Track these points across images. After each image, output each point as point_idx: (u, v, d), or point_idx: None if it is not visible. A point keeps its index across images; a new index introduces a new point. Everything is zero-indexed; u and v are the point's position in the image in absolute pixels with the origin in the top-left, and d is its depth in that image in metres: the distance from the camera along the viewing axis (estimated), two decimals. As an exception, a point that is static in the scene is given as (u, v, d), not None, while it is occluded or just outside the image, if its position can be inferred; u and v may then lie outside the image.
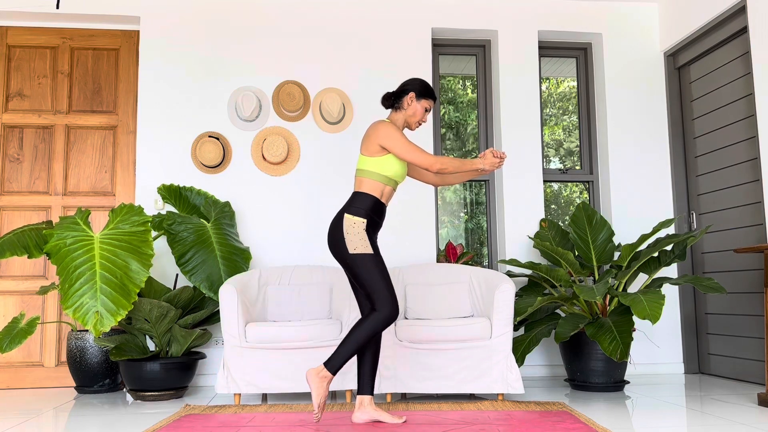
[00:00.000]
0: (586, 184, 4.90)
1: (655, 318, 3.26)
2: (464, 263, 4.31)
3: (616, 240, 4.65)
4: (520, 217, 4.59)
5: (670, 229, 4.69)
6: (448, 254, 4.41)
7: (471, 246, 4.83)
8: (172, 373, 3.72)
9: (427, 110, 3.09)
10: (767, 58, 3.74)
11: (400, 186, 4.50)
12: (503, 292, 3.46)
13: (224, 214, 4.10)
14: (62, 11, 4.40)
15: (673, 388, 3.90)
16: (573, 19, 4.80)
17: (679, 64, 4.73)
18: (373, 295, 2.84)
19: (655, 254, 4.06)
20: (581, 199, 4.97)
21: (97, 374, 3.95)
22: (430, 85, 3.11)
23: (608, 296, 3.92)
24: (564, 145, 4.88)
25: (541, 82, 4.98)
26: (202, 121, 4.45)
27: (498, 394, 3.52)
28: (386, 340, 3.54)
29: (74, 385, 4.19)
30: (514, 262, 4.06)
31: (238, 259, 3.88)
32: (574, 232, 4.28)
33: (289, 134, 4.49)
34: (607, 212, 4.71)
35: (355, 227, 2.89)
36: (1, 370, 4.27)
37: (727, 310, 4.30)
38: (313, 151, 4.51)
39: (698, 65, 4.58)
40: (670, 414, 3.14)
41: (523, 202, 4.61)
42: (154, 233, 4.18)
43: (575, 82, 5.01)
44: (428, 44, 4.66)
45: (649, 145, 4.76)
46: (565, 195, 5.00)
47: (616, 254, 4.62)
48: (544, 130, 4.95)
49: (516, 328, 3.99)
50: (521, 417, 3.01)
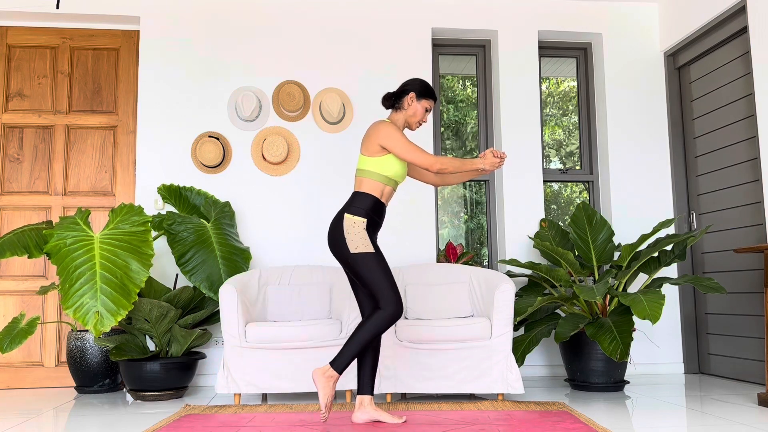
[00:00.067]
0: (586, 184, 4.90)
1: (655, 318, 3.27)
2: (464, 263, 4.31)
3: (616, 240, 4.65)
4: (520, 217, 4.59)
5: (670, 229, 4.69)
6: (448, 254, 4.42)
7: (471, 246, 4.83)
8: (172, 373, 3.72)
9: (427, 110, 3.09)
10: (767, 58, 3.74)
11: (400, 186, 4.50)
12: (503, 292, 3.46)
13: (224, 214, 4.10)
14: (62, 11, 4.40)
15: (673, 388, 3.90)
16: (573, 19, 4.80)
17: (679, 64, 4.73)
18: (376, 293, 2.84)
19: (655, 254, 4.06)
20: (581, 199, 4.97)
21: (97, 374, 3.95)
22: (431, 85, 3.11)
23: (608, 296, 3.92)
24: (565, 147, 4.88)
25: (541, 82, 4.98)
26: (202, 121, 4.45)
27: (498, 394, 3.52)
28: (386, 340, 3.54)
29: (74, 385, 4.19)
30: (514, 262, 4.06)
31: (238, 259, 3.88)
32: (574, 232, 4.28)
33: (289, 134, 4.49)
34: (607, 212, 4.72)
35: (355, 227, 2.89)
36: (1, 370, 4.27)
37: (727, 310, 4.30)
38: (313, 151, 4.51)
39: (698, 65, 4.58)
40: (670, 414, 3.14)
41: (523, 202, 4.61)
42: (154, 233, 4.18)
43: (575, 82, 5.01)
44: (428, 44, 4.66)
45: (649, 145, 4.76)
46: (565, 195, 5.00)
47: (616, 254, 4.62)
48: (544, 130, 4.95)
49: (516, 328, 3.99)
50: (521, 417, 3.01)
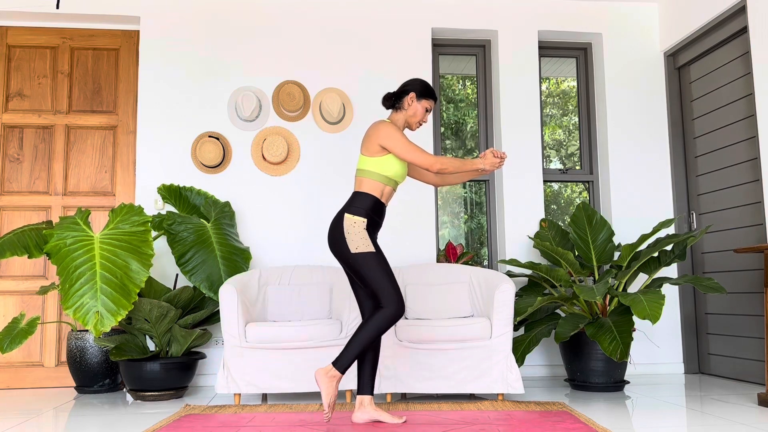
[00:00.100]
0: (586, 184, 4.90)
1: (655, 318, 3.27)
2: (464, 263, 4.31)
3: (616, 240, 4.65)
4: (520, 217, 4.59)
5: (670, 229, 4.69)
6: (448, 254, 4.42)
7: (471, 246, 4.83)
8: (172, 373, 3.72)
9: (427, 110, 3.09)
10: (767, 58, 3.74)
11: (400, 186, 4.50)
12: (503, 292, 3.46)
13: (224, 214, 4.10)
14: (62, 11, 4.40)
15: (673, 388, 3.90)
16: (573, 19, 4.80)
17: (679, 64, 4.73)
18: (378, 292, 2.84)
19: (655, 254, 4.06)
20: (581, 199, 4.97)
21: (97, 374, 3.95)
22: (431, 86, 3.11)
23: (608, 296, 3.92)
24: (565, 148, 4.88)
25: (541, 82, 4.98)
26: (202, 121, 4.45)
27: (498, 394, 3.52)
28: (386, 340, 3.54)
29: (74, 385, 4.19)
30: (514, 262, 4.06)
31: (238, 259, 3.88)
32: (574, 232, 4.28)
33: (289, 134, 4.49)
34: (607, 212, 4.71)
35: (355, 226, 2.89)
36: (1, 370, 4.27)
37: (727, 310, 4.30)
38: (313, 151, 4.51)
39: (698, 65, 4.58)
40: (670, 414, 3.14)
41: (523, 202, 4.61)
42: (154, 233, 4.18)
43: (575, 82, 5.01)
44: (428, 44, 4.66)
45: (649, 145, 4.76)
46: (565, 195, 5.00)
47: (616, 254, 4.62)
48: (545, 131, 4.95)
49: (516, 328, 3.99)
50: (521, 417, 3.01)
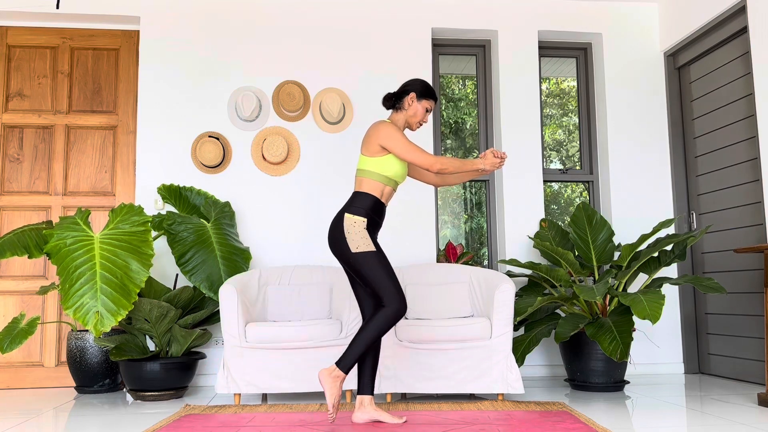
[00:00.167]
0: (586, 184, 4.90)
1: (655, 318, 3.27)
2: (464, 263, 4.31)
3: (616, 240, 4.65)
4: (520, 217, 4.59)
5: (670, 229, 4.69)
6: (448, 254, 4.42)
7: (471, 246, 4.83)
8: (172, 373, 3.72)
9: (428, 110, 3.09)
10: (767, 58, 3.74)
11: (400, 186, 4.50)
12: (503, 292, 3.46)
13: (224, 214, 4.10)
14: (62, 11, 4.40)
15: (673, 388, 3.90)
16: (573, 19, 4.80)
17: (679, 64, 4.73)
18: (379, 291, 2.84)
19: (655, 254, 4.06)
20: (581, 199, 4.97)
21: (97, 374, 3.95)
22: (431, 86, 3.11)
23: (608, 296, 3.92)
24: (566, 149, 4.87)
25: (541, 82, 4.98)
26: (202, 121, 4.45)
27: (498, 394, 3.52)
28: (386, 340, 3.54)
29: (74, 385, 4.19)
30: (514, 262, 4.06)
31: (238, 259, 3.88)
32: (574, 232, 4.28)
33: (289, 134, 4.49)
34: (607, 212, 4.71)
35: (355, 226, 2.89)
36: (1, 370, 4.27)
37: (727, 310, 4.30)
38: (313, 151, 4.51)
39: (698, 65, 4.58)
40: (670, 414, 3.14)
41: (523, 202, 4.61)
42: (154, 233, 4.18)
43: (575, 82, 5.01)
44: (428, 44, 4.66)
45: (649, 145, 4.76)
46: (565, 195, 5.00)
47: (616, 254, 4.62)
48: (545, 131, 4.95)
49: (516, 328, 3.99)
50: (521, 417, 3.01)
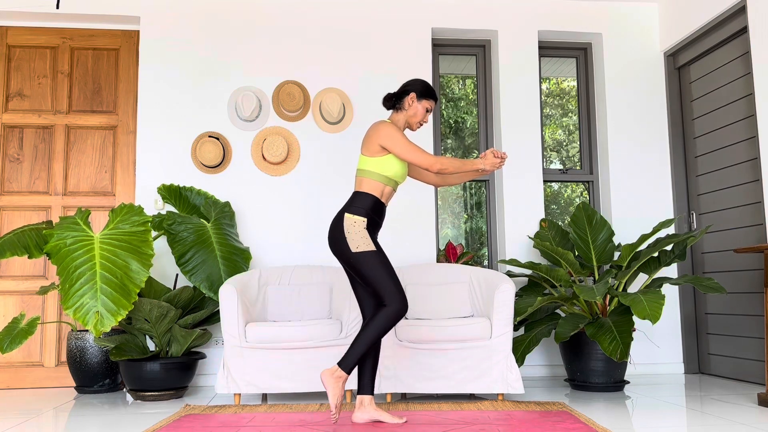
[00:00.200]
0: (586, 184, 4.90)
1: (655, 318, 3.27)
2: (464, 263, 4.31)
3: (616, 240, 4.65)
4: (520, 217, 4.59)
5: (670, 229, 4.69)
6: (448, 254, 4.41)
7: (471, 246, 4.83)
8: (172, 373, 3.72)
9: (428, 111, 3.09)
10: (767, 58, 3.74)
11: (400, 186, 4.50)
12: (503, 292, 3.46)
13: (224, 214, 4.10)
14: (62, 11, 4.40)
15: (673, 388, 3.90)
16: (573, 19, 4.80)
17: (679, 64, 4.73)
18: (380, 291, 2.84)
19: (655, 254, 4.06)
20: (581, 199, 4.97)
21: (97, 374, 3.95)
22: (431, 86, 3.11)
23: (608, 296, 3.92)
24: (566, 150, 4.87)
25: (541, 82, 4.98)
26: (202, 121, 4.45)
27: (498, 394, 3.52)
28: (386, 340, 3.54)
29: (74, 385, 4.19)
30: (514, 262, 4.06)
31: (238, 259, 3.88)
32: (574, 232, 4.28)
33: (289, 134, 4.49)
34: (607, 212, 4.71)
35: (356, 226, 2.89)
36: (1, 370, 4.27)
37: (727, 310, 4.30)
38: (313, 151, 4.51)
39: (698, 65, 4.58)
40: (670, 414, 3.14)
41: (523, 202, 4.61)
42: (154, 233, 4.18)
43: (575, 82, 5.01)
44: (428, 44, 4.66)
45: (649, 145, 4.76)
46: (565, 195, 5.00)
47: (616, 254, 4.62)
48: (545, 131, 4.95)
49: (516, 328, 3.99)
50: (521, 417, 3.01)
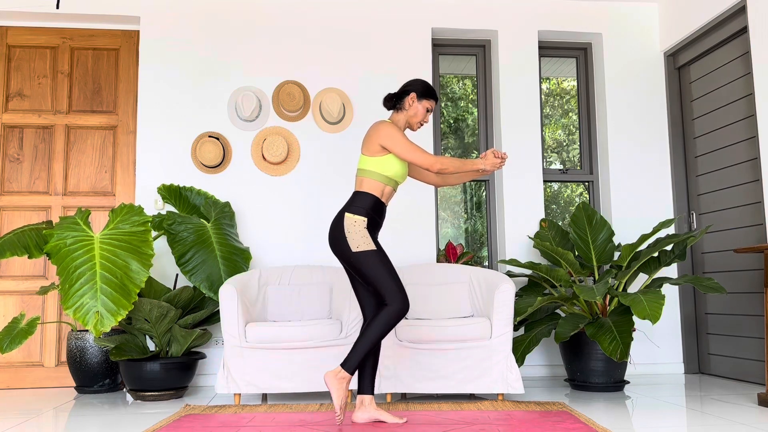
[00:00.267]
0: (586, 184, 4.90)
1: (655, 318, 3.27)
2: (464, 263, 4.31)
3: (616, 240, 4.65)
4: (520, 217, 4.59)
5: (670, 229, 4.69)
6: (448, 254, 4.41)
7: (471, 246, 4.83)
8: (172, 373, 3.72)
9: (428, 111, 3.09)
10: (767, 58, 3.74)
11: (400, 186, 4.50)
12: (503, 292, 3.46)
13: (224, 214, 4.10)
14: (62, 11, 4.40)
15: (673, 388, 3.90)
16: (573, 19, 4.80)
17: (679, 64, 4.73)
18: (381, 290, 2.84)
19: (655, 254, 4.06)
20: (581, 199, 4.97)
21: (97, 374, 3.95)
22: (432, 86, 3.11)
23: (608, 296, 3.92)
24: (566, 151, 4.87)
25: (541, 82, 4.98)
26: (202, 121, 4.45)
27: (498, 394, 3.52)
28: (386, 340, 3.53)
29: (74, 385, 4.19)
30: (514, 262, 4.06)
31: (238, 259, 3.88)
32: (574, 232, 4.28)
33: (289, 134, 4.49)
34: (607, 212, 4.71)
35: (356, 226, 2.89)
36: (1, 370, 4.27)
37: (727, 310, 4.30)
38: (313, 151, 4.51)
39: (698, 65, 4.58)
40: (670, 414, 3.14)
41: (523, 202, 4.61)
42: (154, 233, 4.18)
43: (575, 82, 5.01)
44: (428, 44, 4.66)
45: (649, 145, 4.76)
46: (565, 195, 5.00)
47: (616, 254, 4.62)
48: (545, 131, 4.94)
49: (516, 328, 3.99)
50: (521, 417, 3.01)
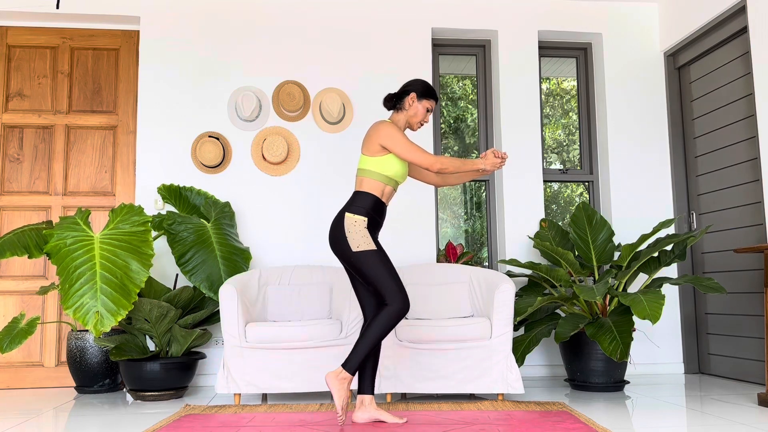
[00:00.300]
0: (586, 184, 4.90)
1: (655, 318, 3.27)
2: (464, 263, 4.31)
3: (616, 240, 4.65)
4: (520, 217, 4.59)
5: (670, 229, 4.69)
6: (448, 254, 4.41)
7: (471, 246, 4.83)
8: (172, 373, 3.72)
9: (428, 110, 3.09)
10: (767, 58, 3.74)
11: (400, 186, 4.50)
12: (503, 292, 3.46)
13: (224, 214, 4.10)
14: (62, 11, 4.40)
15: (673, 388, 3.90)
16: (573, 19, 4.80)
17: (679, 64, 4.73)
18: (381, 290, 2.84)
19: (655, 254, 4.06)
20: (581, 199, 4.97)
21: (97, 374, 3.95)
22: (432, 86, 3.11)
23: (608, 296, 3.92)
24: (566, 152, 4.88)
25: (541, 82, 4.98)
26: (202, 121, 4.45)
27: (498, 394, 3.52)
28: (386, 340, 3.53)
29: (74, 385, 4.19)
30: (514, 262, 4.06)
31: (238, 259, 3.88)
32: (574, 232, 4.28)
33: (289, 134, 4.49)
34: (607, 212, 4.71)
35: (356, 225, 2.89)
36: (1, 370, 4.27)
37: (727, 310, 4.30)
38: (313, 151, 4.51)
39: (698, 65, 4.58)
40: (670, 414, 3.14)
41: (523, 202, 4.61)
42: (154, 233, 4.18)
43: (575, 82, 5.01)
44: (428, 44, 4.66)
45: (649, 145, 4.76)
46: (565, 195, 5.00)
47: (616, 254, 4.62)
48: (545, 131, 4.94)
49: (516, 328, 3.99)
50: (521, 417, 3.01)
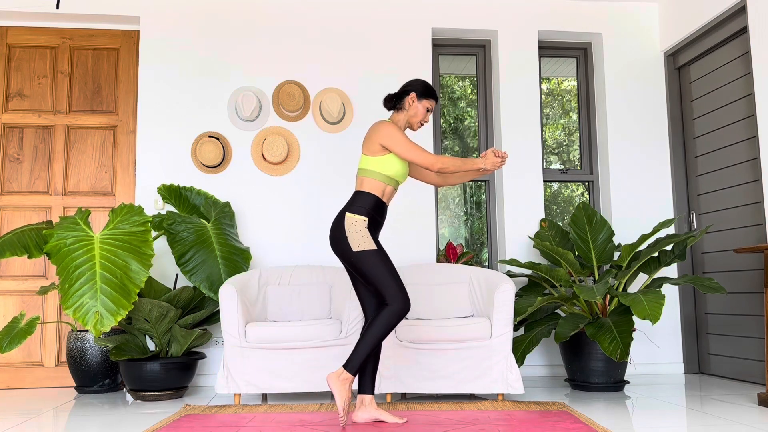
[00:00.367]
0: (586, 184, 4.90)
1: (655, 318, 3.27)
2: (464, 263, 4.31)
3: (616, 240, 4.65)
4: (520, 217, 4.59)
5: (670, 229, 4.69)
6: (448, 254, 4.42)
7: (471, 246, 4.83)
8: (172, 373, 3.72)
9: (428, 110, 3.09)
10: (767, 58, 3.74)
11: (400, 186, 4.50)
12: (503, 292, 3.46)
13: (224, 214, 4.10)
14: (62, 11, 4.40)
15: (673, 388, 3.90)
16: (573, 19, 4.80)
17: (679, 64, 4.74)
18: (382, 290, 2.84)
19: (655, 254, 4.06)
20: (581, 199, 4.97)
21: (97, 374, 3.95)
22: (432, 86, 3.11)
23: (608, 296, 3.92)
24: (566, 152, 4.88)
25: (541, 82, 4.98)
26: (202, 121, 4.45)
27: (498, 394, 3.52)
28: (386, 340, 3.53)
29: (74, 385, 4.19)
30: (514, 262, 4.06)
31: (238, 259, 3.88)
32: (574, 232, 4.28)
33: (289, 134, 4.49)
34: (607, 212, 4.72)
35: (356, 225, 2.89)
36: (1, 370, 4.27)
37: (727, 310, 4.30)
38: (313, 151, 4.51)
39: (698, 65, 4.58)
40: (670, 414, 3.14)
41: (523, 202, 4.61)
42: (154, 233, 4.18)
43: (575, 82, 5.01)
44: (428, 44, 4.66)
45: (649, 145, 4.76)
46: (565, 195, 5.00)
47: (616, 254, 4.62)
48: (545, 131, 4.94)
49: (516, 328, 3.99)
50: (521, 417, 3.01)
